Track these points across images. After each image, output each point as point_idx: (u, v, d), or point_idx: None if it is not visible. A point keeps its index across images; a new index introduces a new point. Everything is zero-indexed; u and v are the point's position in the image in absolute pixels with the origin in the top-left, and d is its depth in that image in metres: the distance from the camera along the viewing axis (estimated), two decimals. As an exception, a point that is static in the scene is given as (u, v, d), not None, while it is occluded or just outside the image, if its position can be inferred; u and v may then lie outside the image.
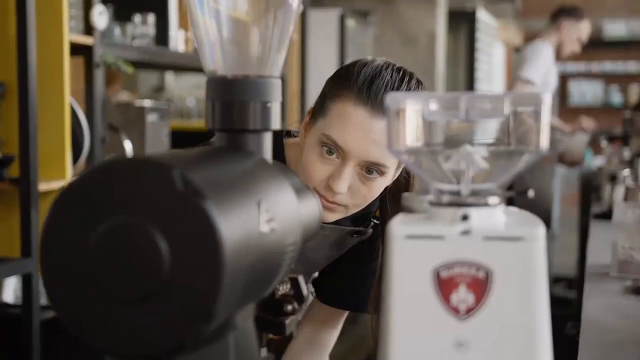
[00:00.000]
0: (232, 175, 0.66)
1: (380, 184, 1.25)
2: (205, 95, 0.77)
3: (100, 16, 2.53)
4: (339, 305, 1.51)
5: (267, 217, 0.66)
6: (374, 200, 1.31)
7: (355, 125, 1.20)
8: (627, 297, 1.63)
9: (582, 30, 4.35)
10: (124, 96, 4.60)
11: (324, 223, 1.36)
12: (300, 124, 1.34)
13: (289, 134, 1.40)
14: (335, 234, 1.38)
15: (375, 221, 1.42)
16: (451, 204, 0.67)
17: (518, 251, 0.64)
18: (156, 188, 0.58)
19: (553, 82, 4.36)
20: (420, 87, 1.28)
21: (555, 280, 5.27)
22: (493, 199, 0.67)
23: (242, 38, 0.76)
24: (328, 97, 1.25)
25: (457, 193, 0.68)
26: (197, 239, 0.58)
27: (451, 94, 0.67)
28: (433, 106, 0.67)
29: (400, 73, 1.26)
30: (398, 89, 1.23)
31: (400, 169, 1.31)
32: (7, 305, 2.52)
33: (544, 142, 0.65)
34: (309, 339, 1.50)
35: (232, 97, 0.74)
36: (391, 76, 1.24)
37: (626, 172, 2.93)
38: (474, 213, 0.66)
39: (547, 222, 4.33)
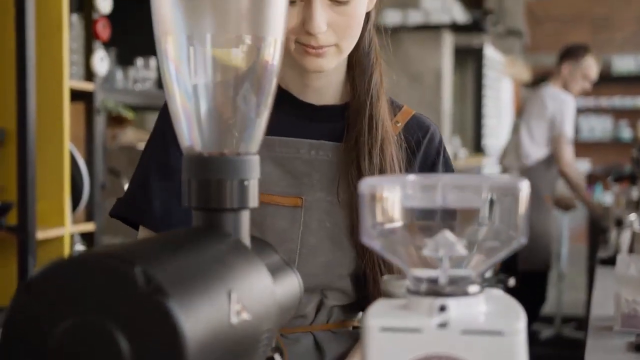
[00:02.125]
0: (201, 265, 0.63)
1: (358, 5, 1.14)
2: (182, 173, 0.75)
3: (101, 62, 2.53)
4: None
5: (239, 307, 0.64)
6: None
7: None
8: (630, 355, 1.59)
9: (586, 67, 4.32)
10: (129, 134, 4.61)
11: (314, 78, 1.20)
12: None
13: None
14: (336, 153, 1.22)
15: None
16: (429, 293, 0.64)
17: (498, 346, 0.62)
18: (117, 285, 0.56)
19: None
20: None
21: (564, 321, 5.20)
22: (473, 288, 0.65)
23: (219, 114, 0.75)
24: None
25: (435, 280, 0.65)
26: (160, 339, 0.55)
27: (429, 179, 0.65)
28: (410, 191, 0.65)
29: None
30: None
31: None
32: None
33: (522, 232, 0.63)
34: None
35: (209, 176, 0.72)
36: None
37: (632, 216, 2.90)
38: (452, 303, 0.63)
39: (547, 260, 4.27)
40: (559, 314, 5.19)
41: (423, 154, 1.27)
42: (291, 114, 1.23)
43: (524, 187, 0.63)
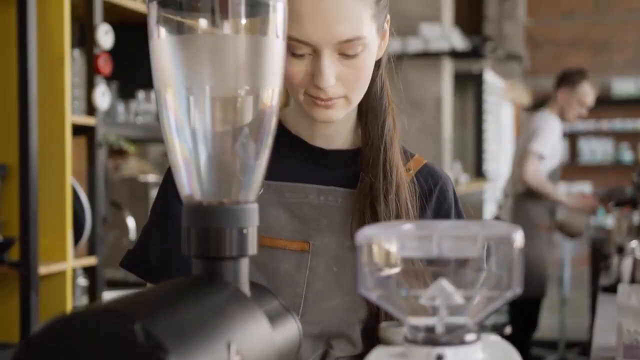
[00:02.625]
0: (200, 317, 0.64)
1: (367, 57, 1.13)
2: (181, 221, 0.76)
3: (103, 96, 2.55)
4: None
5: (238, 358, 0.64)
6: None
7: (308, 14, 1.08)
8: (632, 387, 1.59)
9: (581, 94, 4.28)
10: (132, 164, 4.62)
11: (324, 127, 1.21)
12: None
13: None
14: (346, 199, 1.21)
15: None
16: (426, 342, 0.65)
17: (494, 395, 0.62)
18: (117, 342, 0.57)
19: (559, 154, 4.33)
20: None
21: (568, 346, 5.18)
22: (469, 336, 0.66)
23: (218, 163, 0.76)
24: None
25: (432, 329, 0.66)
26: (160, 394, 0.56)
27: (424, 229, 0.66)
28: (406, 241, 0.66)
29: None
30: None
31: (386, 39, 1.21)
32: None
33: (517, 282, 0.64)
34: None
35: (208, 225, 0.73)
36: None
37: (634, 243, 2.89)
38: (449, 352, 0.64)
39: (542, 287, 4.23)
40: (563, 339, 5.17)
41: (435, 205, 1.26)
42: (301, 159, 1.23)
43: (518, 238, 0.64)
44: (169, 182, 1.22)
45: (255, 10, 0.75)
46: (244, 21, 0.77)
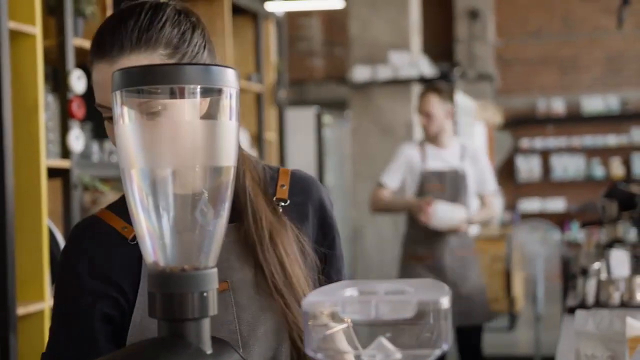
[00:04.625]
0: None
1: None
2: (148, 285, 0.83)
3: (77, 140, 2.62)
4: None
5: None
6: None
7: (102, 82, 1.16)
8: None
9: (419, 107, 4.15)
10: (110, 198, 4.67)
11: None
12: None
13: None
14: (236, 232, 1.28)
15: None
16: (367, 395, 0.73)
17: None
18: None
19: (416, 176, 4.07)
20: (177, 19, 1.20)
21: (544, 361, 5.27)
22: (406, 388, 0.73)
23: (180, 234, 0.83)
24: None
25: (373, 382, 0.74)
26: None
27: (364, 295, 0.74)
28: (347, 307, 0.74)
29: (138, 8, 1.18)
30: (126, 22, 1.17)
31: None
32: None
33: (445, 339, 0.72)
34: None
35: (172, 290, 0.81)
36: (121, 16, 1.18)
37: (597, 265, 2.98)
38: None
39: (469, 314, 4.09)
40: (538, 355, 5.26)
41: (316, 219, 1.34)
42: None
43: (445, 301, 0.72)
44: (65, 274, 1.25)
45: (209, 95, 0.83)
46: (200, 106, 0.86)
